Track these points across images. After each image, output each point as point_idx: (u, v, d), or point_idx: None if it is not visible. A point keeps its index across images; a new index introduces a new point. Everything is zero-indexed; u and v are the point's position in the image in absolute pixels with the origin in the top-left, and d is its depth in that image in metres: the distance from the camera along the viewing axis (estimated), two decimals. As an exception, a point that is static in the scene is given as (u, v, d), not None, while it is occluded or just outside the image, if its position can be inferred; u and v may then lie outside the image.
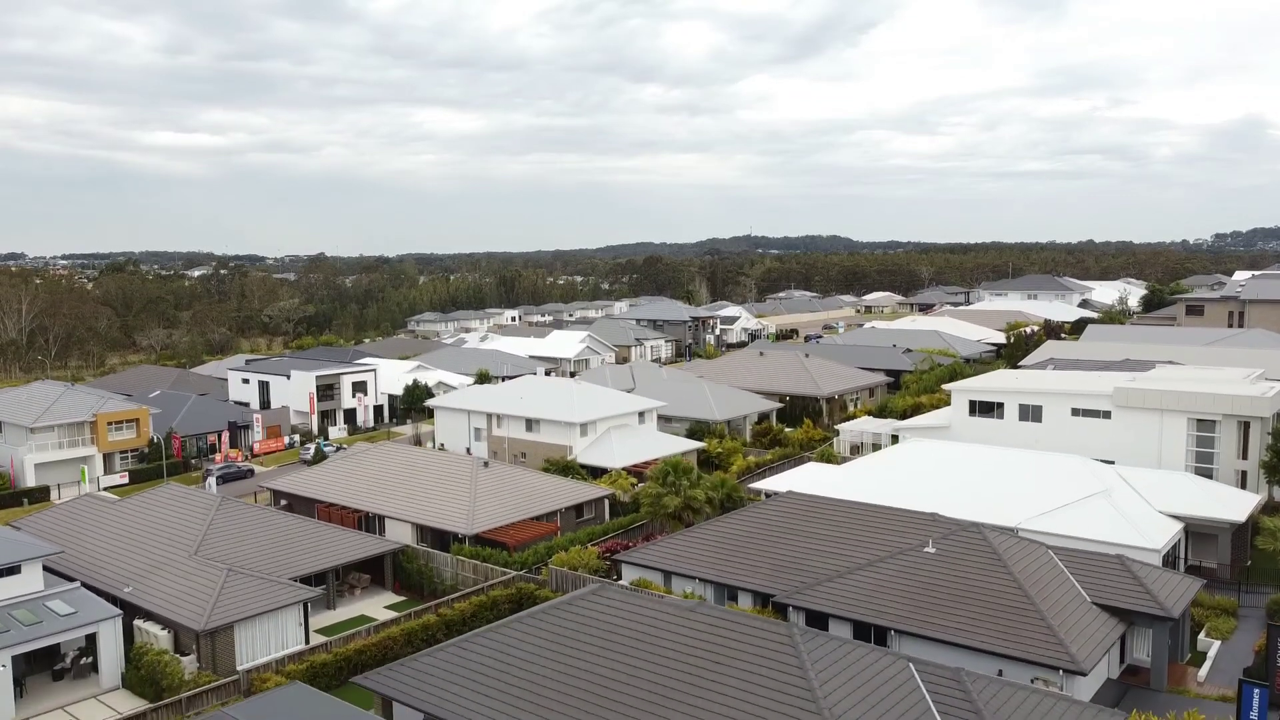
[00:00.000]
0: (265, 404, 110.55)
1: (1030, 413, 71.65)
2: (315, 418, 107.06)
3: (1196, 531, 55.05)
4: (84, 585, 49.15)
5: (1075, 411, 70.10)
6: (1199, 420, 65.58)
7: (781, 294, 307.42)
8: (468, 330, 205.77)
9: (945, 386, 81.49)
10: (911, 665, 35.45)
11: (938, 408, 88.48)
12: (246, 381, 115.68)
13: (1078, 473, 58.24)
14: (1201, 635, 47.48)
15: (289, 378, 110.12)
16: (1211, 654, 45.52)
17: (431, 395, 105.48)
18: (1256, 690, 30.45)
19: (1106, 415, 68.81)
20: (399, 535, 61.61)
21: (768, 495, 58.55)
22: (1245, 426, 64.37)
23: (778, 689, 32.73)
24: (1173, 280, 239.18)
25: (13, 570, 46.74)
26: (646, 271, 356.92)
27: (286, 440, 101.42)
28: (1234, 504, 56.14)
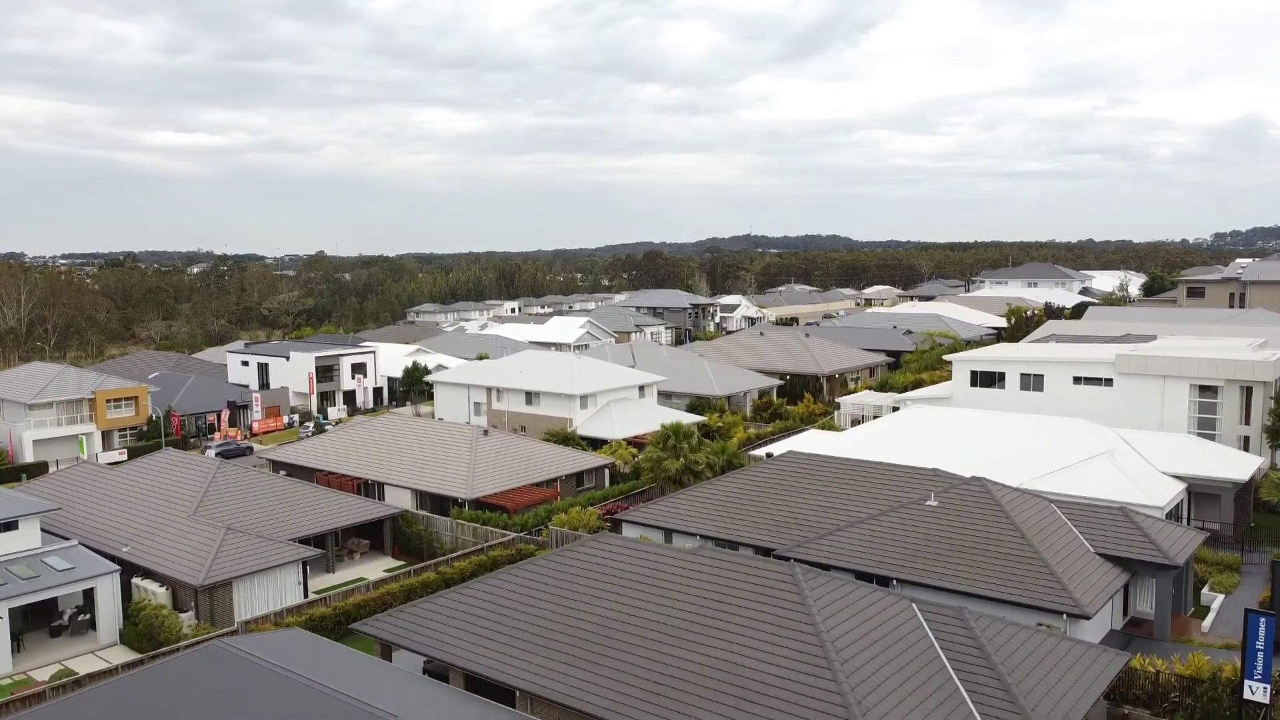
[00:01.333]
0: (264, 385, 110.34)
1: (1032, 382, 71.39)
2: (314, 398, 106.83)
3: (1199, 492, 54.79)
4: (81, 545, 48.93)
5: (1077, 380, 69.85)
6: (1201, 386, 65.33)
7: (781, 288, 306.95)
8: (467, 321, 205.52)
9: (946, 357, 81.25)
10: (914, 605, 35.24)
11: (939, 384, 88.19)
12: (245, 364, 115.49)
13: (1080, 435, 57.98)
14: (1205, 590, 47.27)
15: (288, 359, 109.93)
16: (1215, 606, 45.32)
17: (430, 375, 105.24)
18: (1262, 619, 30.19)
19: (1108, 383, 68.55)
20: (398, 502, 61.37)
21: (768, 456, 58.27)
22: (1248, 392, 64.11)
23: (780, 624, 32.48)
24: (1173, 270, 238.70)
25: (10, 526, 46.52)
26: (646, 267, 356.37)
27: (286, 420, 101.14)
28: (1237, 464, 55.91)
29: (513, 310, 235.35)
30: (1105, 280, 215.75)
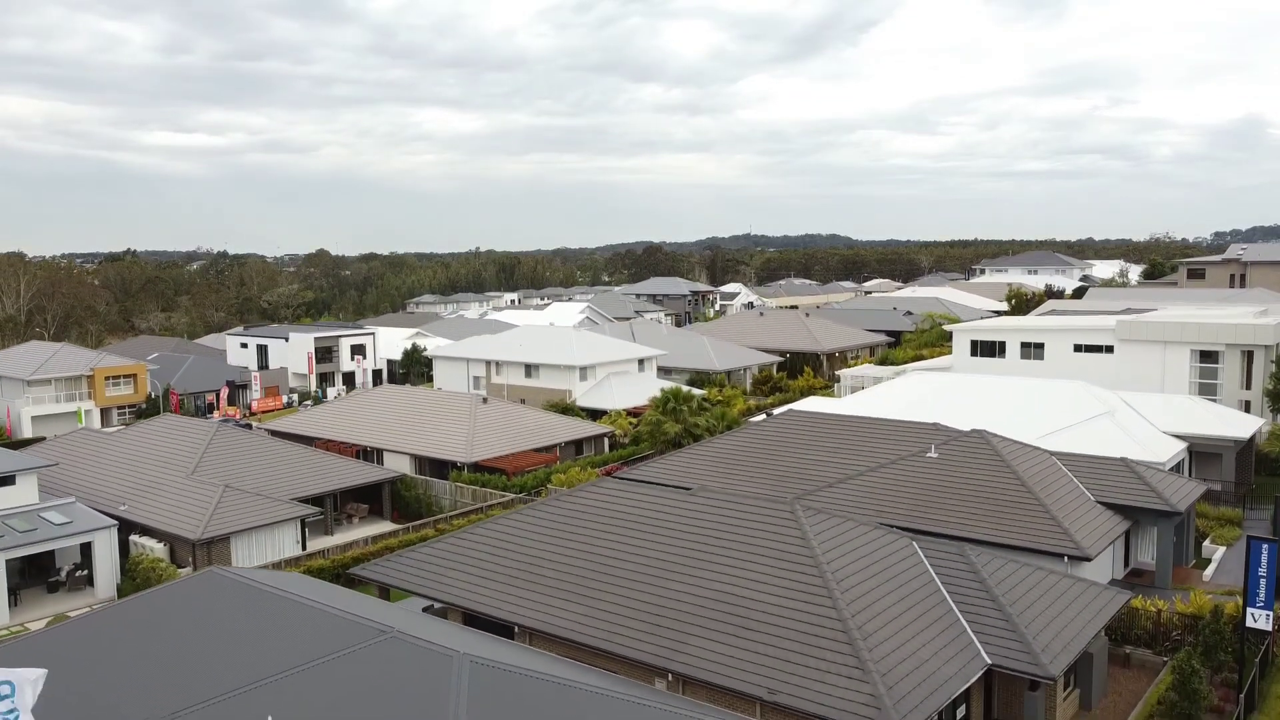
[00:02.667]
0: (263, 366, 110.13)
1: (1032, 350, 71.24)
2: (313, 378, 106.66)
3: (1201, 451, 54.57)
4: (79, 503, 48.77)
5: (1078, 348, 69.68)
6: (1202, 352, 65.15)
7: (780, 282, 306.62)
8: (466, 311, 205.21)
9: (948, 327, 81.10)
10: (915, 543, 35.09)
11: (939, 358, 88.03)
12: (245, 346, 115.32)
13: (1080, 396, 57.77)
14: (1206, 543, 47.08)
15: (287, 340, 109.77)
16: (1216, 558, 45.16)
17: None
18: (1265, 545, 30.01)
19: (1109, 350, 68.37)
20: (397, 468, 61.19)
21: (768, 415, 58.11)
22: (1249, 356, 63.94)
23: (780, 558, 32.33)
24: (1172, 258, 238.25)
25: (7, 480, 46.38)
26: (646, 262, 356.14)
27: (285, 399, 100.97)
28: (1238, 424, 55.72)
29: (512, 301, 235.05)
30: (1105, 269, 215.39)
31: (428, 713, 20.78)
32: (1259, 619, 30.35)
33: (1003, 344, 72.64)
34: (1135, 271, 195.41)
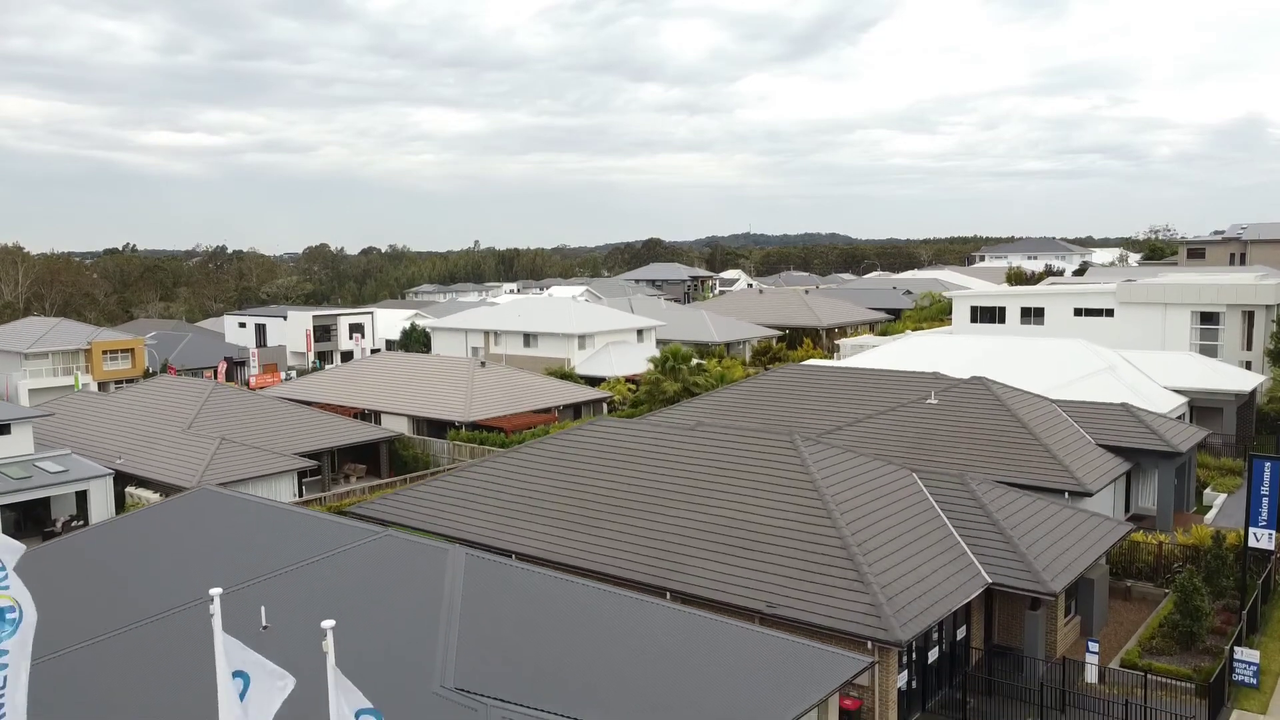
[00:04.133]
0: (262, 345, 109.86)
1: (1032, 315, 70.99)
2: (311, 356, 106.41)
3: (1201, 406, 54.34)
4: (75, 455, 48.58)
5: (1078, 312, 69.44)
6: (1203, 313, 64.92)
7: (780, 274, 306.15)
8: (465, 298, 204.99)
9: (947, 294, 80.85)
10: (915, 475, 34.89)
11: (940, 329, 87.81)
12: (243, 325, 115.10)
13: (1081, 353, 57.55)
14: (1207, 490, 46.88)
15: (285, 319, 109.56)
16: (1217, 504, 44.91)
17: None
18: (1268, 464, 29.79)
19: (1109, 314, 68.14)
20: (396, 429, 60.96)
21: (767, 369, 57.86)
22: (1249, 317, 63.73)
23: (780, 484, 32.12)
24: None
25: (2, 430, 46.13)
26: (645, 256, 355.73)
27: (284, 375, 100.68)
28: (1238, 378, 55.52)
29: (511, 291, 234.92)
30: (1105, 256, 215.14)
31: (424, 597, 20.59)
32: (1261, 538, 30.13)
33: (1002, 309, 72.42)
34: (1135, 259, 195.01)
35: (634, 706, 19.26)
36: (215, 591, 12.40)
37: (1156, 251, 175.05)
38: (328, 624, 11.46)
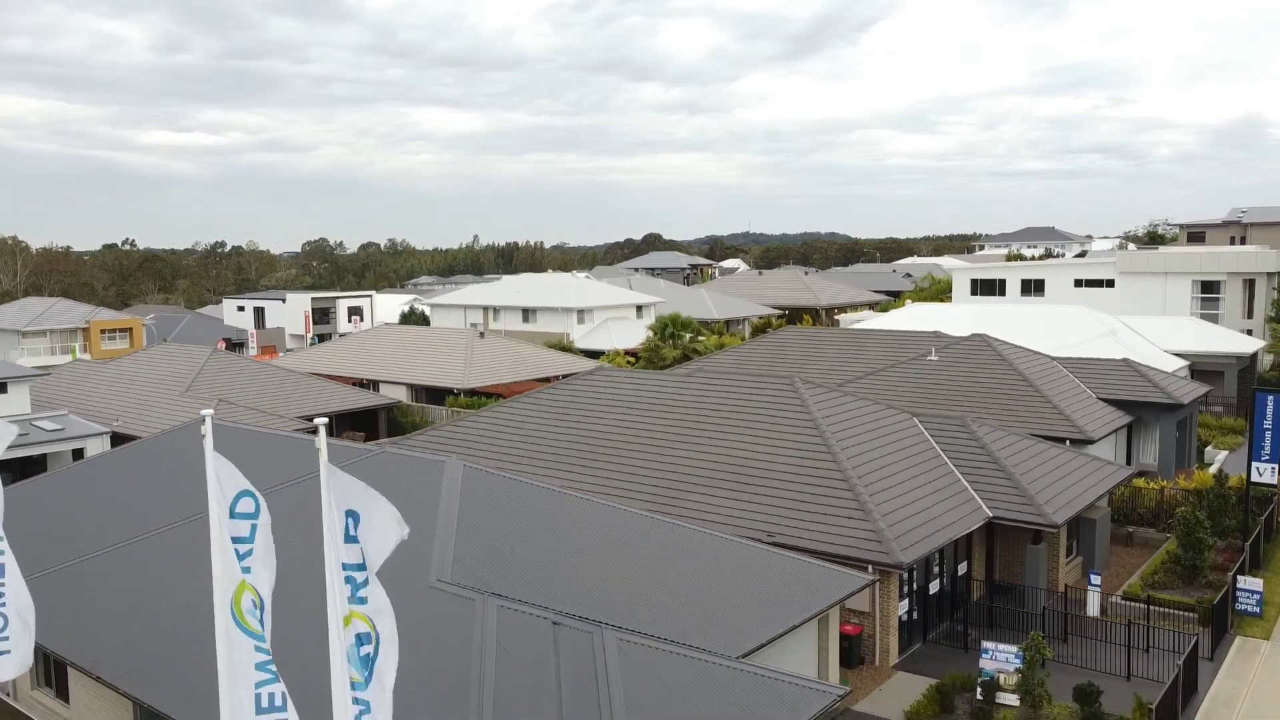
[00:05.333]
0: (260, 327, 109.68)
1: (1032, 287, 70.84)
2: (310, 338, 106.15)
3: (1202, 370, 54.20)
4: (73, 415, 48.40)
5: (1078, 283, 69.28)
6: (1203, 282, 64.78)
7: (779, 269, 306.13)
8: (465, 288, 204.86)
9: (947, 266, 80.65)
10: (916, 419, 34.73)
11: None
12: (242, 309, 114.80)
13: (1082, 319, 57.40)
14: (1208, 449, 46.75)
15: (284, 302, 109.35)
16: (1218, 460, 44.80)
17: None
18: (1270, 397, 29.65)
19: (1110, 284, 67.99)
20: (395, 398, 60.78)
21: (765, 332, 57.68)
22: (1250, 285, 63.59)
23: (781, 424, 31.98)
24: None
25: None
26: (644, 250, 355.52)
27: (282, 355, 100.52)
28: (1239, 342, 55.41)
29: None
30: (1104, 245, 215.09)
31: (421, 503, 20.45)
32: (1264, 473, 29.99)
33: (1003, 282, 72.28)
34: (1134, 249, 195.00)
35: (631, 607, 19.10)
36: (207, 412, 12.24)
37: (1156, 240, 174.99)
38: (320, 421, 11.41)
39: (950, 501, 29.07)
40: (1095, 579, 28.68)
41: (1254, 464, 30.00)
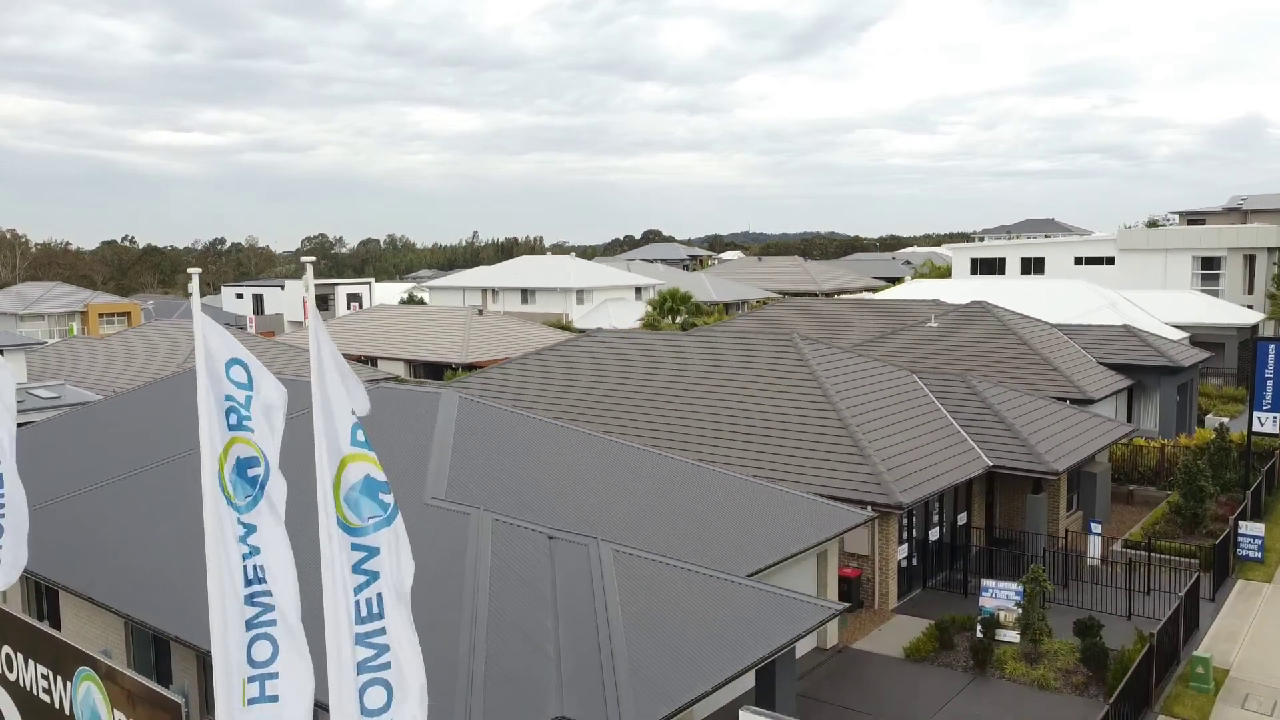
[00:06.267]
0: (259, 313, 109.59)
1: (1032, 265, 70.68)
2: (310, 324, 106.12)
3: (1203, 341, 53.99)
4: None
5: (1078, 260, 69.15)
6: (1204, 258, 64.63)
7: (779, 257, 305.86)
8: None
9: (947, 248, 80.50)
10: (916, 376, 34.58)
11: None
12: (240, 296, 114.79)
13: (1082, 292, 57.25)
14: (1209, 416, 46.57)
15: (283, 288, 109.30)
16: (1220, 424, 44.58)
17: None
18: (1272, 346, 29.49)
19: (1110, 261, 67.85)
20: (392, 373, 60.67)
21: (765, 304, 57.55)
22: (1250, 260, 63.43)
23: (782, 377, 31.84)
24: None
25: (-5, 356, 45.81)
26: (643, 246, 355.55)
27: (279, 336, 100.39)
28: (1239, 314, 55.26)
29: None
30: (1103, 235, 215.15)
31: (417, 431, 20.30)
32: (1265, 422, 29.83)
33: (1003, 260, 72.14)
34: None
35: (629, 531, 18.94)
36: (195, 270, 12.07)
37: (1155, 226, 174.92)
38: (314, 320, 11.14)
39: (950, 450, 28.93)
40: (1096, 527, 28.50)
41: (1255, 414, 29.85)
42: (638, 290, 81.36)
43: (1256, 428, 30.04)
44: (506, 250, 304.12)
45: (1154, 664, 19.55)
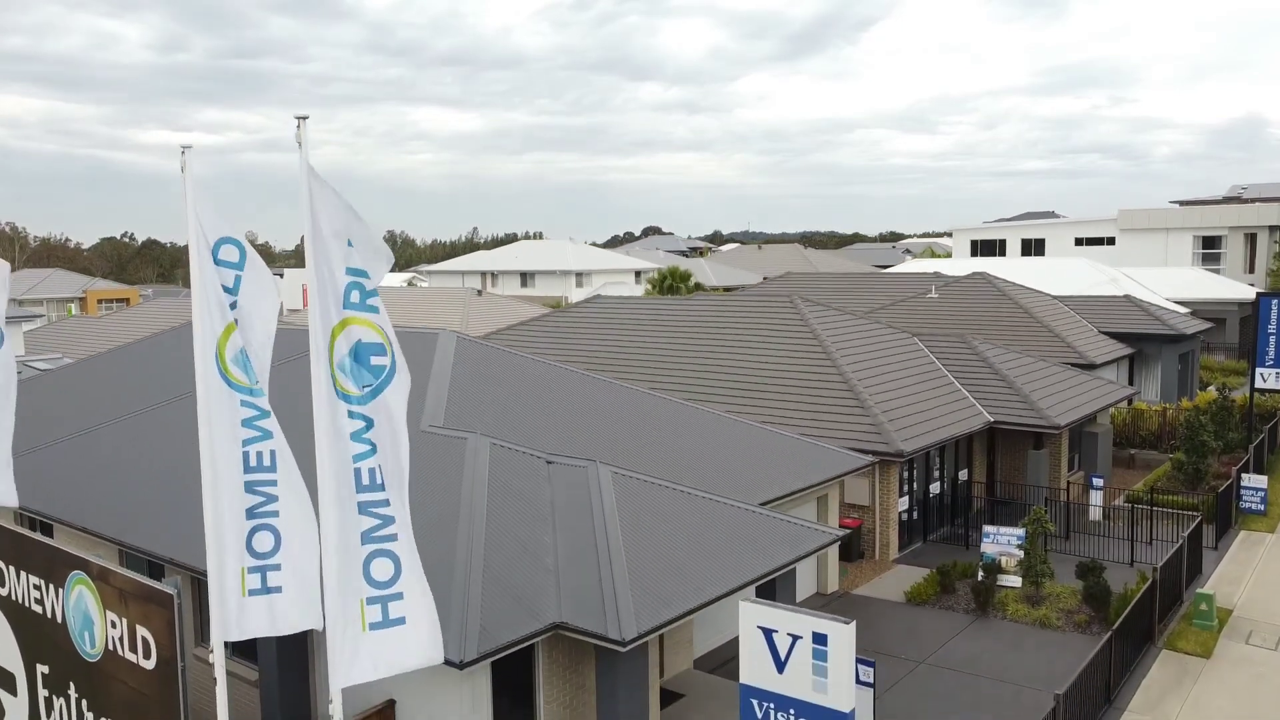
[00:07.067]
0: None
1: (1033, 246, 70.55)
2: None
3: (1204, 317, 53.82)
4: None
5: (1079, 241, 69.02)
6: (1205, 237, 64.49)
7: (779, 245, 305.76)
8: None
9: (946, 228, 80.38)
10: (917, 339, 34.45)
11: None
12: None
13: (1083, 269, 57.18)
14: (1210, 388, 46.38)
15: (282, 275, 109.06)
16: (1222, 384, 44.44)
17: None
18: (1275, 300, 29.33)
19: (1111, 242, 67.72)
20: (391, 351, 60.58)
21: (765, 280, 57.41)
22: (1251, 239, 63.29)
23: (782, 335, 31.70)
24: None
25: (-7, 328, 45.69)
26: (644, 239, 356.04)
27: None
28: (1240, 289, 55.12)
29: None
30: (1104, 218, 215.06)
31: (413, 366, 20.16)
32: (1268, 378, 29.70)
33: (1003, 242, 72.03)
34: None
35: (625, 461, 18.79)
36: (186, 144, 11.89)
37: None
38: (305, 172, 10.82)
39: (950, 406, 28.79)
40: (1097, 482, 28.36)
41: (1258, 369, 29.72)
42: (637, 274, 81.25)
43: (1259, 384, 29.91)
44: (506, 245, 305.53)
45: (1157, 599, 19.40)
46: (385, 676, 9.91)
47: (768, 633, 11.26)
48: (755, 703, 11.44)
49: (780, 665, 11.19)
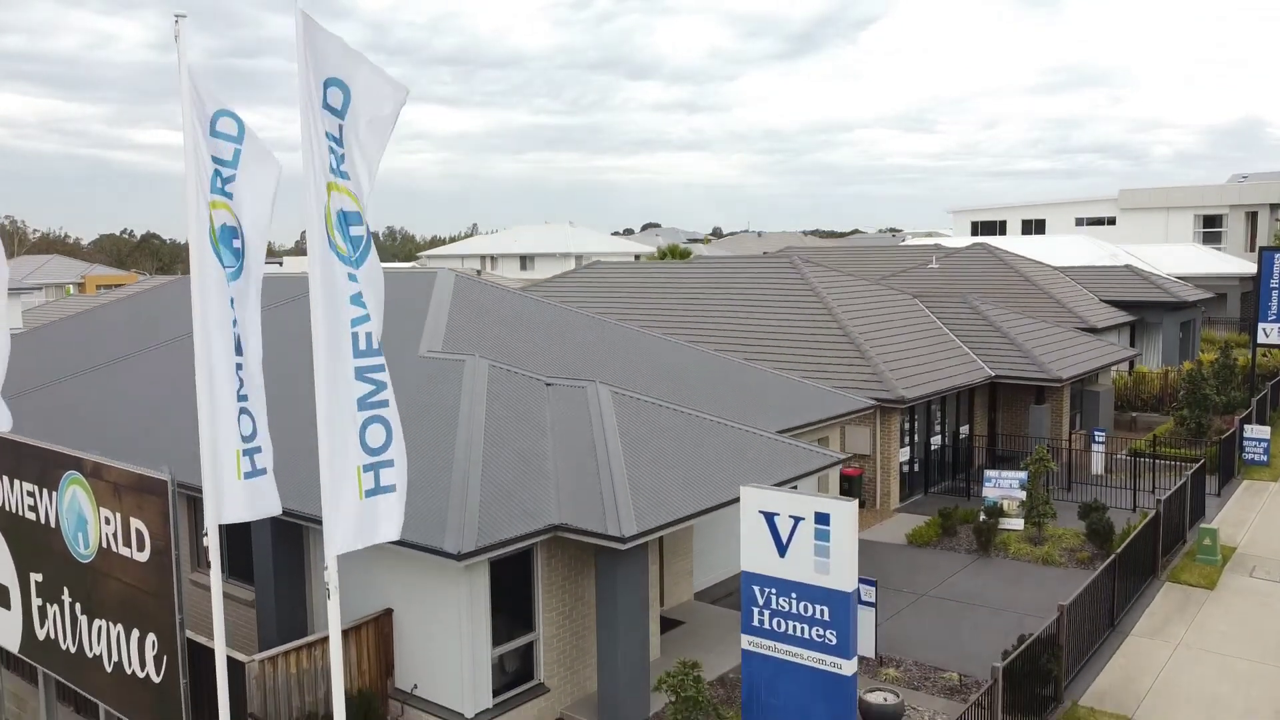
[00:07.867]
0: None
1: (1033, 226, 70.43)
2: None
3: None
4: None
5: (1079, 221, 68.88)
6: (1206, 216, 64.37)
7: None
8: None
9: (946, 209, 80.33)
10: (919, 300, 34.34)
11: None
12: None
13: (1084, 245, 57.06)
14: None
15: (281, 264, 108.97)
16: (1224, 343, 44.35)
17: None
18: (1276, 254, 29.20)
19: (1111, 221, 67.60)
20: (391, 330, 60.49)
21: (765, 255, 57.29)
22: (1252, 217, 63.17)
23: (783, 294, 31.60)
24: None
25: (-9, 300, 45.58)
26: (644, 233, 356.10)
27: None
28: (1241, 264, 55.00)
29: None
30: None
31: (411, 301, 20.08)
32: (1270, 334, 29.57)
33: (1003, 222, 71.91)
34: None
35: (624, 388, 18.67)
36: (180, 13, 11.69)
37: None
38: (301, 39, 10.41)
39: (952, 360, 28.69)
40: (1099, 435, 28.23)
41: (1260, 325, 29.60)
42: (636, 256, 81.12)
43: (1261, 339, 29.79)
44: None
45: (1160, 533, 19.27)
46: (381, 543, 9.71)
47: (769, 517, 11.13)
48: (757, 589, 11.31)
49: (782, 549, 11.06)
